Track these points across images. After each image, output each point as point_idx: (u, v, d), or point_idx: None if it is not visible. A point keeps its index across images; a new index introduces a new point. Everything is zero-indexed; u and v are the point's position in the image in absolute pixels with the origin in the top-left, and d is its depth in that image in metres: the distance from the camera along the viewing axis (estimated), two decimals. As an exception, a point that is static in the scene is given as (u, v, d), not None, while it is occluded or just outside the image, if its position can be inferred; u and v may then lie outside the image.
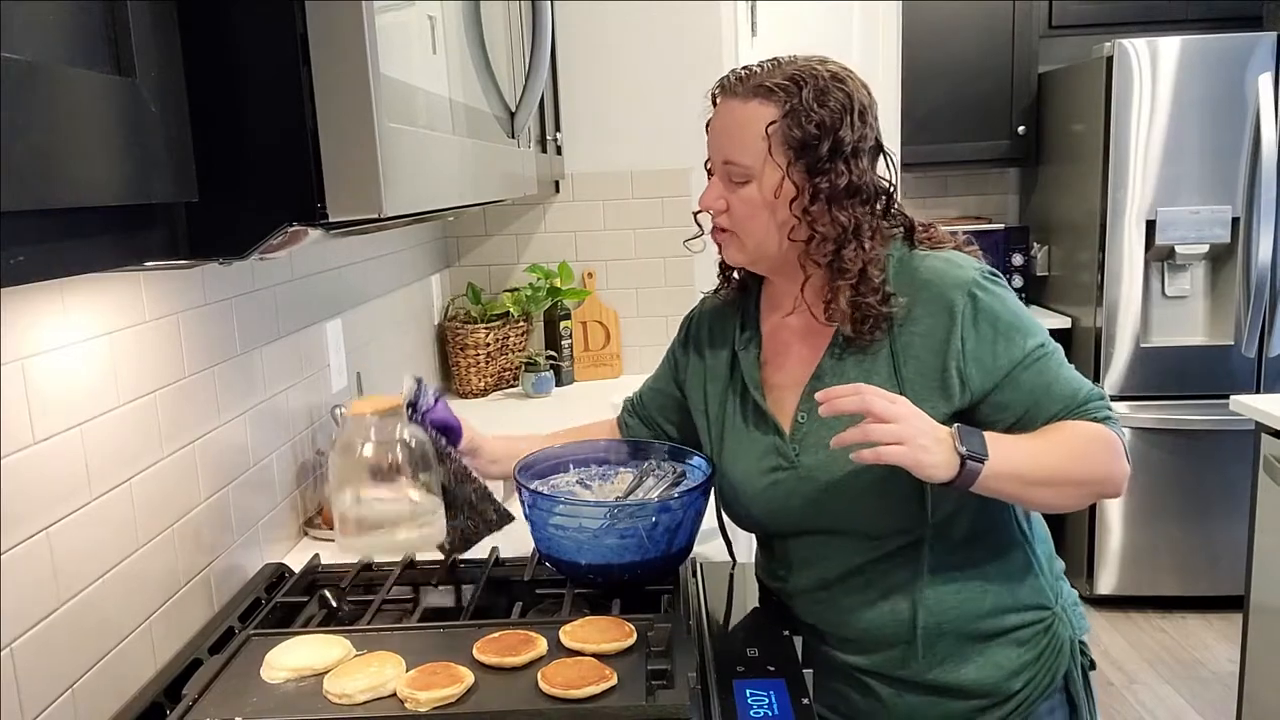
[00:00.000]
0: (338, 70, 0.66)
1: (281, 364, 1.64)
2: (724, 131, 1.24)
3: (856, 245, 1.18)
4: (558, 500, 1.34)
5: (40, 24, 0.49)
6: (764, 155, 1.18)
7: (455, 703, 1.02)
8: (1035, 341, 1.18)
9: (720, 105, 1.26)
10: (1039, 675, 1.25)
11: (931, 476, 1.08)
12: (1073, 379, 1.20)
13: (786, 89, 1.17)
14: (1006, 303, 1.19)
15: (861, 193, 1.18)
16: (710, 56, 2.84)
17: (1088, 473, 1.16)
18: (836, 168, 1.16)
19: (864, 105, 1.19)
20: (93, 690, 1.08)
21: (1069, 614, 1.29)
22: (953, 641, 1.24)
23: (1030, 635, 1.25)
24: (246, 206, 0.66)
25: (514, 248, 2.97)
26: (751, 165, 1.19)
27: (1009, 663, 1.24)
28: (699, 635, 1.24)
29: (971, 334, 1.17)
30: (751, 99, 1.19)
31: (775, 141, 1.17)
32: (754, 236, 1.23)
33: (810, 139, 1.16)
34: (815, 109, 1.16)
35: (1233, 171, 3.31)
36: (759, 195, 1.20)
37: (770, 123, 1.17)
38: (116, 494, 1.14)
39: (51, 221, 0.52)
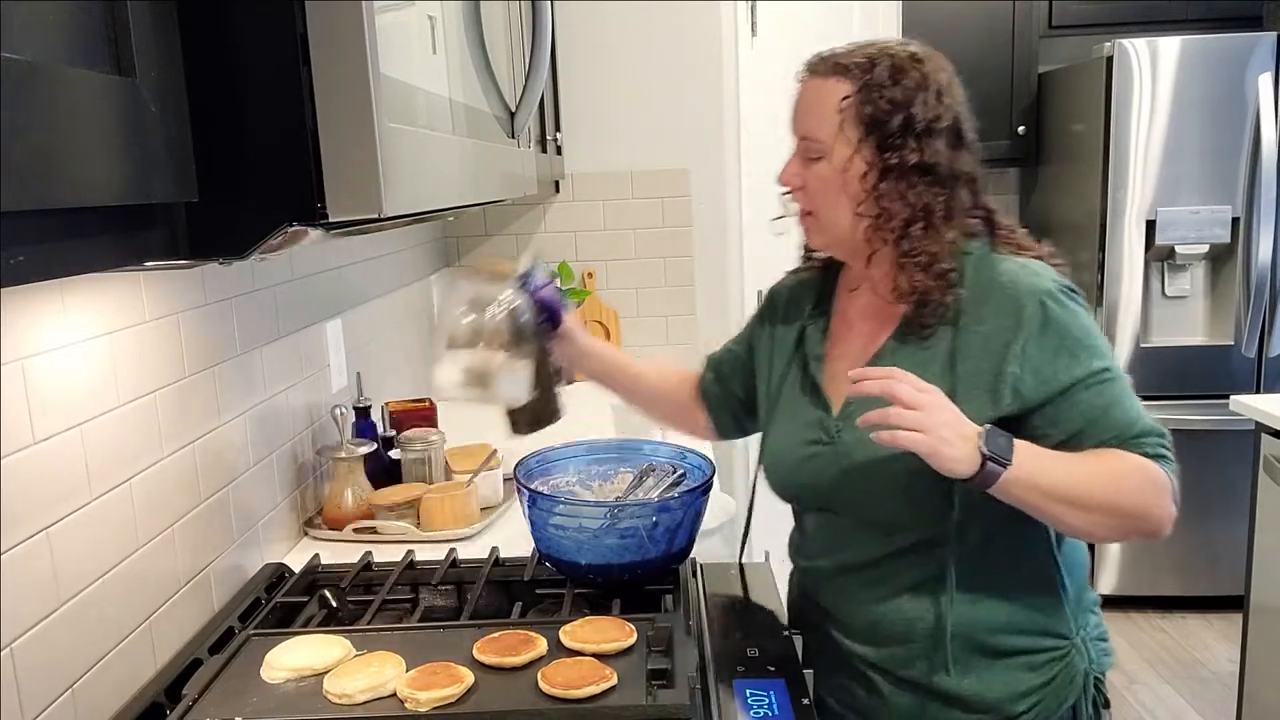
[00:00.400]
0: (338, 70, 0.66)
1: (281, 364, 1.64)
2: (802, 108, 1.23)
3: (925, 226, 1.17)
4: (558, 500, 1.34)
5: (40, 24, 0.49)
6: (836, 131, 1.18)
7: (455, 703, 1.02)
8: (1101, 364, 1.15)
9: (802, 83, 1.24)
10: (1045, 701, 1.22)
11: (951, 470, 1.07)
12: (1132, 410, 1.16)
13: (862, 66, 1.17)
14: (1079, 319, 1.16)
15: (933, 173, 1.17)
16: (710, 56, 2.84)
17: (1122, 504, 1.13)
18: (907, 145, 1.16)
19: (941, 86, 1.18)
20: (93, 690, 1.08)
21: (1089, 648, 1.25)
22: (961, 649, 1.21)
23: (1043, 661, 1.23)
24: (246, 206, 0.66)
25: (514, 248, 2.97)
26: (825, 141, 1.19)
27: (1016, 684, 1.22)
28: (699, 635, 1.24)
29: (1035, 343, 1.14)
30: (830, 76, 1.19)
31: (848, 117, 1.17)
32: (828, 214, 1.22)
33: (881, 115, 1.16)
34: (888, 85, 1.16)
35: (1233, 171, 3.31)
36: (830, 171, 1.19)
37: (844, 98, 1.17)
38: (116, 494, 1.14)
39: (51, 221, 0.51)
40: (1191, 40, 3.28)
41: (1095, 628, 1.29)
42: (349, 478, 1.73)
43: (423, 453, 1.85)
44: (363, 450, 1.73)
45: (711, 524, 1.62)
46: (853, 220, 1.20)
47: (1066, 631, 1.24)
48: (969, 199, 1.21)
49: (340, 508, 1.71)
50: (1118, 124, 3.31)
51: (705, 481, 1.39)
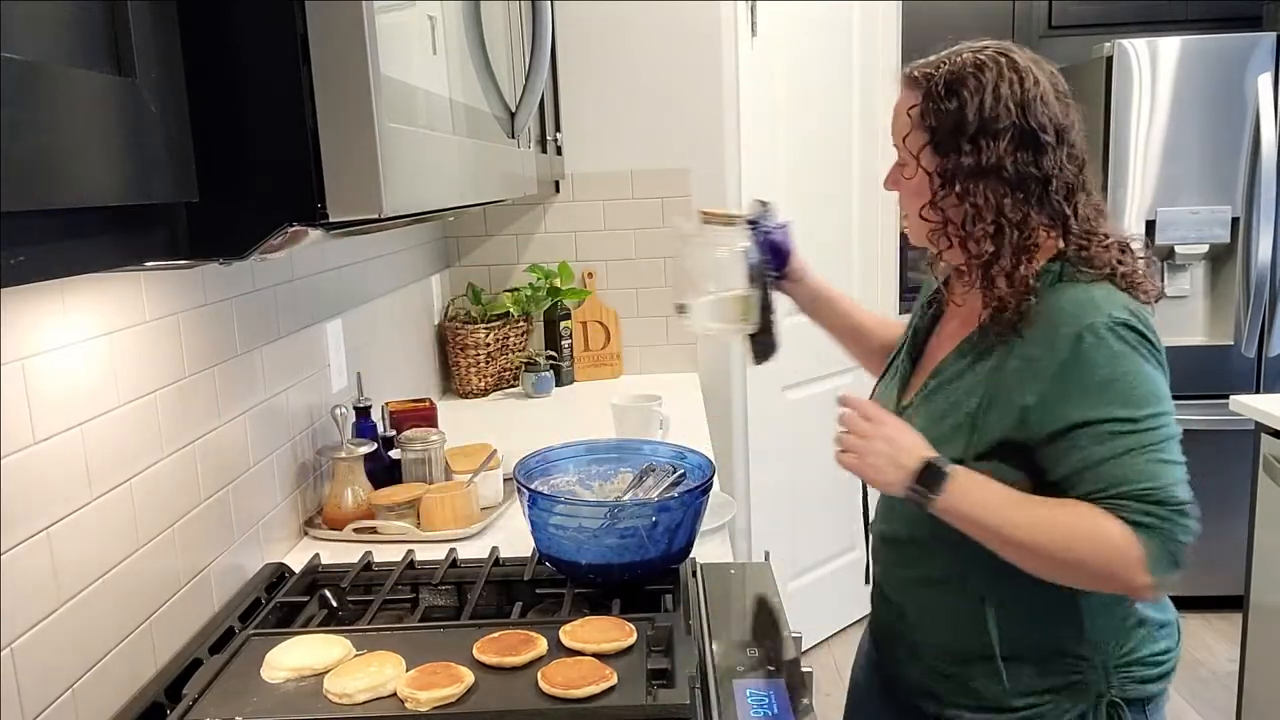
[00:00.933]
0: (338, 70, 0.66)
1: (281, 364, 1.64)
2: (892, 118, 1.30)
3: (995, 230, 1.18)
4: (558, 500, 1.34)
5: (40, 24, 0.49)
6: (905, 138, 1.25)
7: (455, 703, 1.02)
8: (1123, 413, 1.11)
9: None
10: (1043, 705, 1.22)
11: (884, 490, 1.20)
12: (1134, 469, 1.11)
13: (927, 75, 1.22)
14: (1118, 361, 1.11)
15: (994, 176, 1.17)
16: (710, 56, 2.84)
17: (1070, 559, 1.11)
18: (962, 149, 1.18)
19: (1002, 90, 1.18)
20: (93, 690, 1.08)
21: (1112, 675, 1.22)
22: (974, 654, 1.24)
23: (1054, 668, 1.22)
24: (247, 206, 0.66)
25: (514, 248, 2.97)
26: (908, 146, 1.25)
27: (1019, 677, 1.23)
28: (699, 635, 1.24)
29: (1057, 376, 1.13)
30: (906, 87, 1.26)
31: (915, 125, 1.23)
32: (910, 214, 1.28)
33: (939, 121, 1.20)
34: (944, 92, 1.19)
35: (1232, 171, 3.31)
36: (914, 176, 1.25)
37: (911, 106, 1.23)
38: (116, 494, 1.14)
39: (52, 221, 0.52)
40: (1191, 40, 3.28)
41: (1132, 650, 1.24)
42: (349, 478, 1.73)
43: (423, 453, 1.85)
44: (363, 450, 1.73)
45: (711, 524, 1.62)
46: (919, 223, 1.26)
47: (1085, 652, 1.22)
48: (1052, 205, 1.18)
49: (340, 507, 1.71)
50: (1117, 124, 3.31)
51: (705, 481, 1.39)
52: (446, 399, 2.81)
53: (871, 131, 3.28)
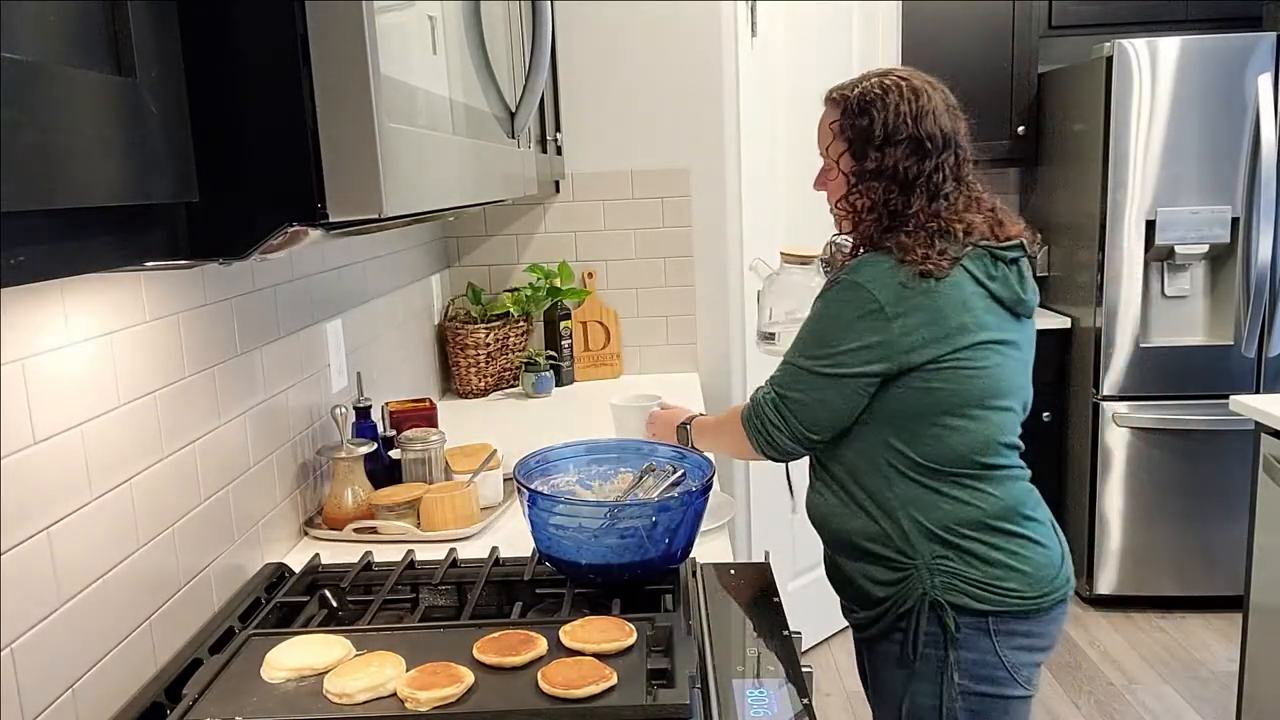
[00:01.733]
0: (338, 70, 0.66)
1: (281, 364, 1.64)
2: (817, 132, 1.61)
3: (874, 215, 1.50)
4: (558, 500, 1.34)
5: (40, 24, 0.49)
6: (828, 147, 1.56)
7: (455, 702, 1.02)
8: (794, 348, 1.52)
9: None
10: (892, 599, 1.50)
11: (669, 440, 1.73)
12: (772, 376, 1.54)
13: (844, 96, 1.53)
14: (828, 307, 1.48)
15: (887, 175, 1.48)
16: (710, 56, 2.84)
17: (726, 443, 1.64)
18: (868, 155, 1.49)
19: (898, 105, 1.48)
20: (93, 690, 1.08)
21: (932, 575, 1.47)
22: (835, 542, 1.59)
23: (887, 566, 1.51)
24: (247, 206, 0.66)
25: (514, 248, 2.97)
26: (827, 155, 1.57)
27: (874, 575, 1.52)
28: (699, 635, 1.24)
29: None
30: (828, 105, 1.58)
31: (836, 136, 1.54)
32: (839, 210, 1.59)
33: (855, 134, 1.51)
34: (858, 109, 1.50)
35: (1232, 171, 3.31)
36: (835, 177, 1.56)
37: (832, 121, 1.54)
38: (116, 494, 1.15)
39: (52, 221, 0.52)
40: (1191, 40, 3.28)
41: (950, 566, 1.47)
42: (349, 478, 1.73)
43: (423, 453, 1.85)
44: (363, 450, 1.73)
45: (711, 524, 1.62)
46: (837, 212, 1.59)
47: (909, 552, 1.48)
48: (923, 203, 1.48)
49: (340, 507, 1.71)
50: (1117, 124, 3.31)
51: (705, 481, 1.39)
52: (446, 399, 2.81)
53: (871, 131, 3.27)
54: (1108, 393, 3.46)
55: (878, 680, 1.59)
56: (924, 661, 1.49)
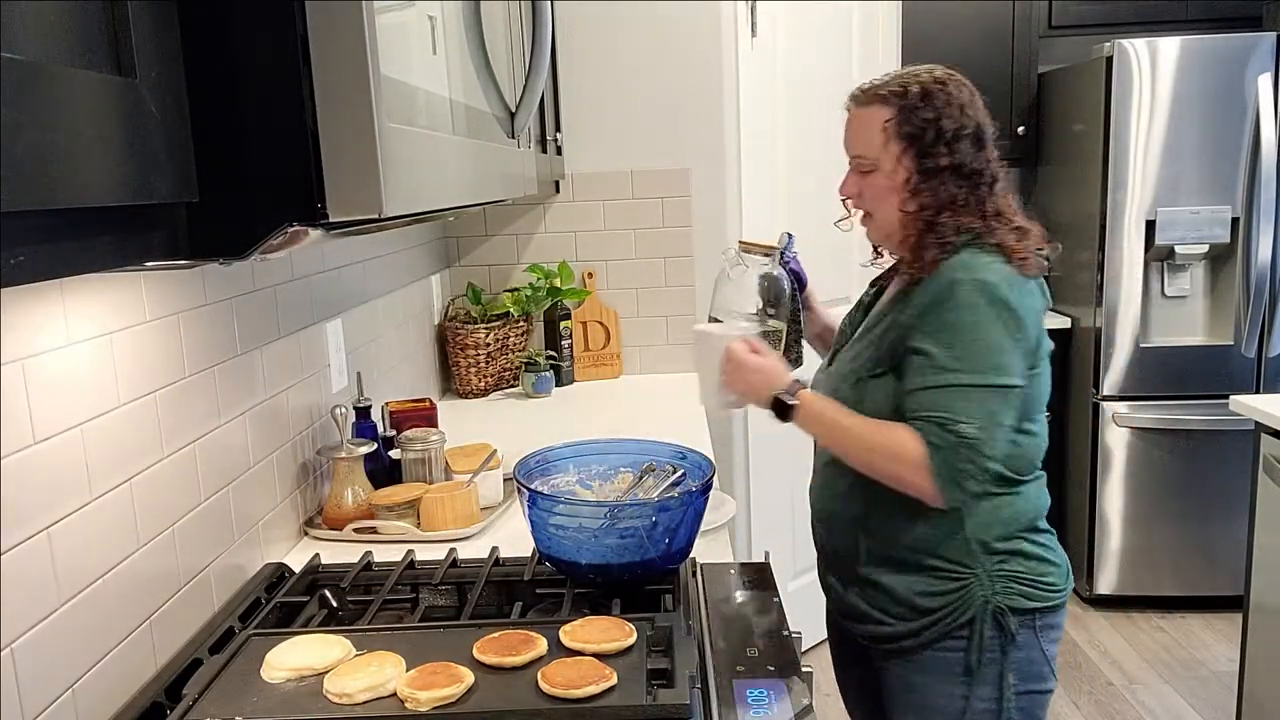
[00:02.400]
0: (338, 70, 0.66)
1: (281, 364, 1.64)
2: (851, 133, 1.52)
3: (951, 214, 1.44)
4: (558, 500, 1.34)
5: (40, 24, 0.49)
6: (882, 147, 1.46)
7: (455, 702, 1.02)
8: (950, 358, 1.37)
9: (849, 113, 1.54)
10: (945, 610, 1.47)
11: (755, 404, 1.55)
12: (941, 402, 1.37)
13: (896, 92, 1.45)
14: (972, 312, 1.37)
15: (956, 170, 1.44)
16: (710, 56, 2.84)
17: (871, 463, 1.43)
18: (938, 151, 1.43)
19: (963, 101, 1.45)
20: (93, 690, 1.08)
21: (994, 582, 1.46)
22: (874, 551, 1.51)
23: (940, 575, 1.47)
24: (247, 206, 0.66)
25: (514, 248, 2.97)
26: (873, 157, 1.47)
27: (923, 586, 1.48)
28: (699, 635, 1.24)
29: (922, 310, 1.40)
30: (871, 105, 1.48)
31: (890, 135, 1.45)
32: (882, 213, 1.50)
33: (919, 129, 1.44)
34: (921, 104, 1.44)
35: (1232, 171, 3.30)
36: (881, 179, 1.47)
37: (887, 120, 1.45)
38: (116, 494, 1.15)
39: (52, 221, 0.52)
40: (1191, 40, 3.28)
41: (1011, 570, 1.47)
42: (349, 478, 1.73)
43: (423, 453, 1.85)
44: (363, 450, 1.73)
45: (711, 524, 1.62)
46: (900, 216, 1.47)
47: (970, 562, 1.46)
48: (982, 191, 1.45)
49: (340, 507, 1.71)
50: (1117, 124, 3.31)
51: (705, 481, 1.39)
52: (446, 399, 2.81)
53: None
54: (1108, 393, 3.46)
55: (915, 693, 1.52)
56: (984, 668, 1.47)
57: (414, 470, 1.85)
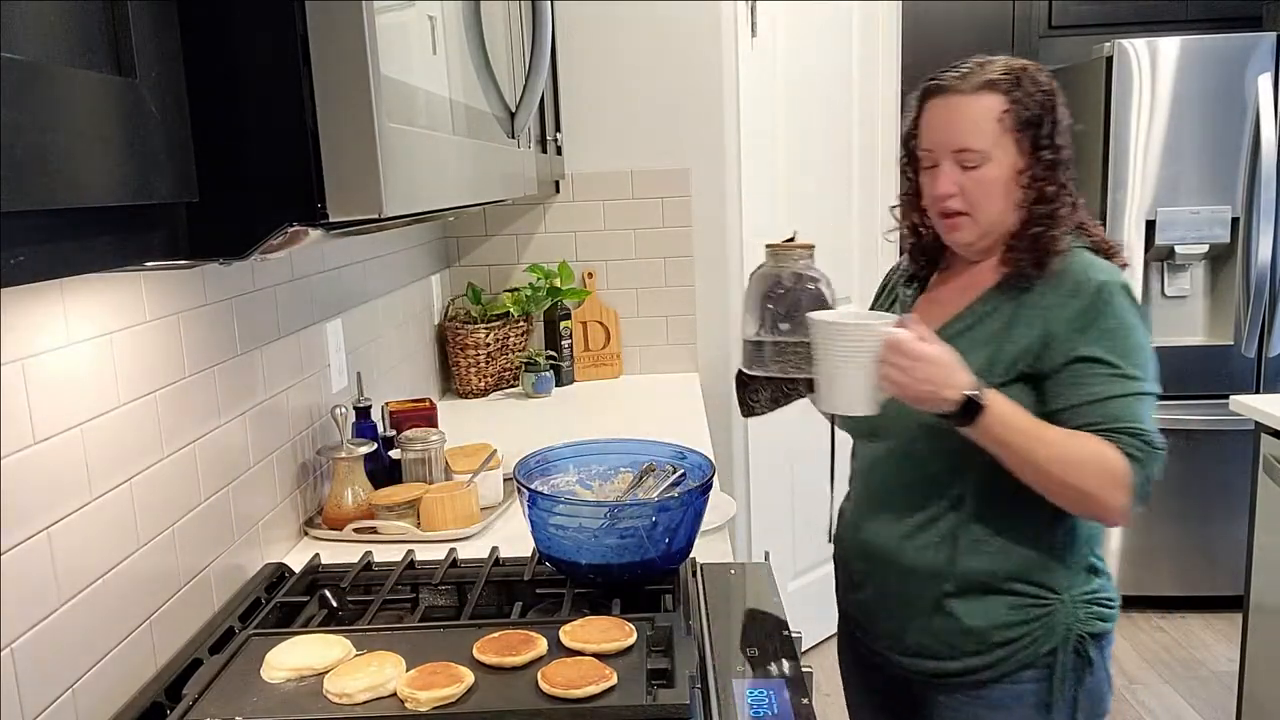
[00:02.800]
0: (338, 70, 0.66)
1: (281, 364, 1.64)
2: (954, 123, 1.37)
3: (1069, 207, 1.38)
4: (558, 500, 1.34)
5: (40, 24, 0.49)
6: (995, 139, 1.35)
7: (455, 702, 1.02)
8: (1120, 363, 1.30)
9: (945, 101, 1.39)
10: (1023, 640, 1.39)
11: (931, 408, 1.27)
12: (1129, 411, 1.28)
13: (1009, 81, 1.36)
14: (1123, 316, 1.32)
15: (1068, 164, 1.38)
16: (710, 56, 2.84)
17: (1070, 478, 1.27)
18: (1054, 144, 1.36)
19: (1053, 87, 1.39)
20: (93, 690, 1.08)
21: (1076, 607, 1.39)
22: (962, 581, 1.40)
23: (1026, 604, 1.39)
24: (247, 206, 0.66)
25: (514, 248, 2.97)
26: (984, 149, 1.35)
27: (997, 617, 1.39)
28: (699, 635, 1.24)
29: (1075, 319, 1.32)
30: (980, 93, 1.36)
31: (1006, 126, 1.35)
32: (989, 211, 1.38)
33: (1034, 121, 1.35)
34: (1034, 96, 1.36)
35: (1232, 171, 3.30)
36: (994, 173, 1.36)
37: (1004, 111, 1.35)
38: (116, 494, 1.14)
39: (51, 221, 0.52)
40: (1191, 40, 3.28)
41: (1091, 591, 1.42)
42: (349, 478, 1.73)
43: (423, 452, 1.85)
44: (363, 450, 1.73)
45: (711, 524, 1.62)
46: (1012, 213, 1.38)
47: (1057, 587, 1.39)
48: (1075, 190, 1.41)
49: (340, 507, 1.71)
50: (1117, 124, 3.31)
51: (705, 481, 1.39)
52: (446, 399, 2.81)
53: (871, 131, 3.27)
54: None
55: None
56: (1062, 700, 1.40)
57: (414, 470, 1.85)
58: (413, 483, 1.82)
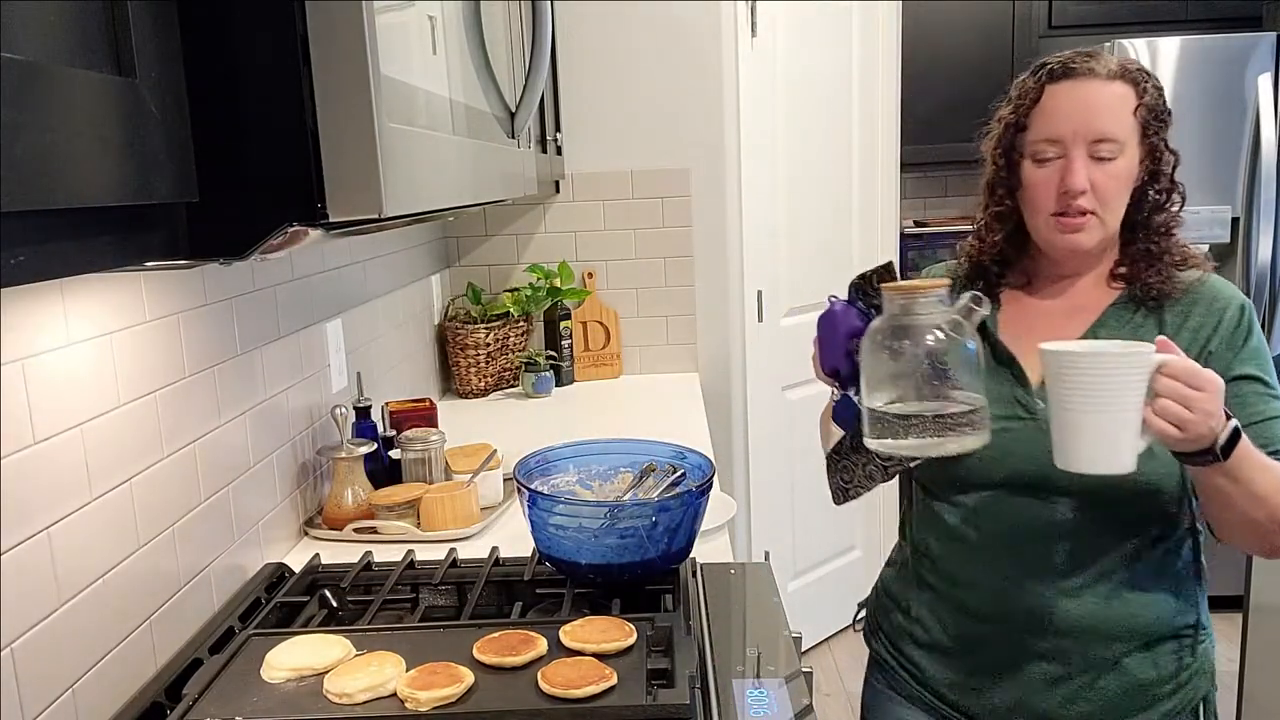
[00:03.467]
0: (338, 70, 0.66)
1: (281, 364, 1.64)
2: (1092, 109, 1.25)
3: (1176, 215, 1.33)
4: (558, 500, 1.34)
5: (40, 24, 0.49)
6: (1130, 131, 1.26)
7: (455, 702, 1.02)
8: (1271, 380, 1.23)
9: (1077, 85, 1.26)
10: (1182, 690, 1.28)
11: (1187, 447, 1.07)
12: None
13: (1141, 73, 1.27)
14: (1260, 335, 1.27)
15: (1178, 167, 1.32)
16: (710, 56, 2.84)
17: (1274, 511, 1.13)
18: (1169, 143, 1.30)
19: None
20: (93, 690, 1.08)
21: (1211, 636, 1.32)
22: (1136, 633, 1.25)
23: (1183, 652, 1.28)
24: (247, 206, 0.66)
25: (514, 248, 2.97)
26: (1123, 140, 1.25)
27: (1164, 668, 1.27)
28: (699, 635, 1.24)
29: (1227, 340, 1.24)
30: (1115, 80, 1.25)
31: (1139, 120, 1.26)
32: (1116, 212, 1.28)
33: (1160, 118, 1.28)
34: (1158, 92, 1.28)
35: (1232, 171, 3.30)
36: (1126, 169, 1.26)
37: (1138, 102, 1.26)
38: (117, 494, 1.14)
39: (51, 221, 0.51)
40: (1191, 40, 3.28)
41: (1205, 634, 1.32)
42: (349, 478, 1.73)
43: (423, 453, 1.85)
44: (363, 450, 1.73)
45: (711, 524, 1.62)
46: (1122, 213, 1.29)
47: (1205, 621, 1.31)
48: None
49: (340, 507, 1.71)
50: (1118, 124, 3.30)
51: (705, 481, 1.39)
52: (446, 399, 2.81)
53: (871, 132, 3.27)
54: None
55: None
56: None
57: (414, 470, 1.85)
58: (413, 483, 1.82)
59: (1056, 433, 1.09)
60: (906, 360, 1.09)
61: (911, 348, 1.08)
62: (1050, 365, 1.08)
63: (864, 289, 1.16)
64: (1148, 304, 1.28)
